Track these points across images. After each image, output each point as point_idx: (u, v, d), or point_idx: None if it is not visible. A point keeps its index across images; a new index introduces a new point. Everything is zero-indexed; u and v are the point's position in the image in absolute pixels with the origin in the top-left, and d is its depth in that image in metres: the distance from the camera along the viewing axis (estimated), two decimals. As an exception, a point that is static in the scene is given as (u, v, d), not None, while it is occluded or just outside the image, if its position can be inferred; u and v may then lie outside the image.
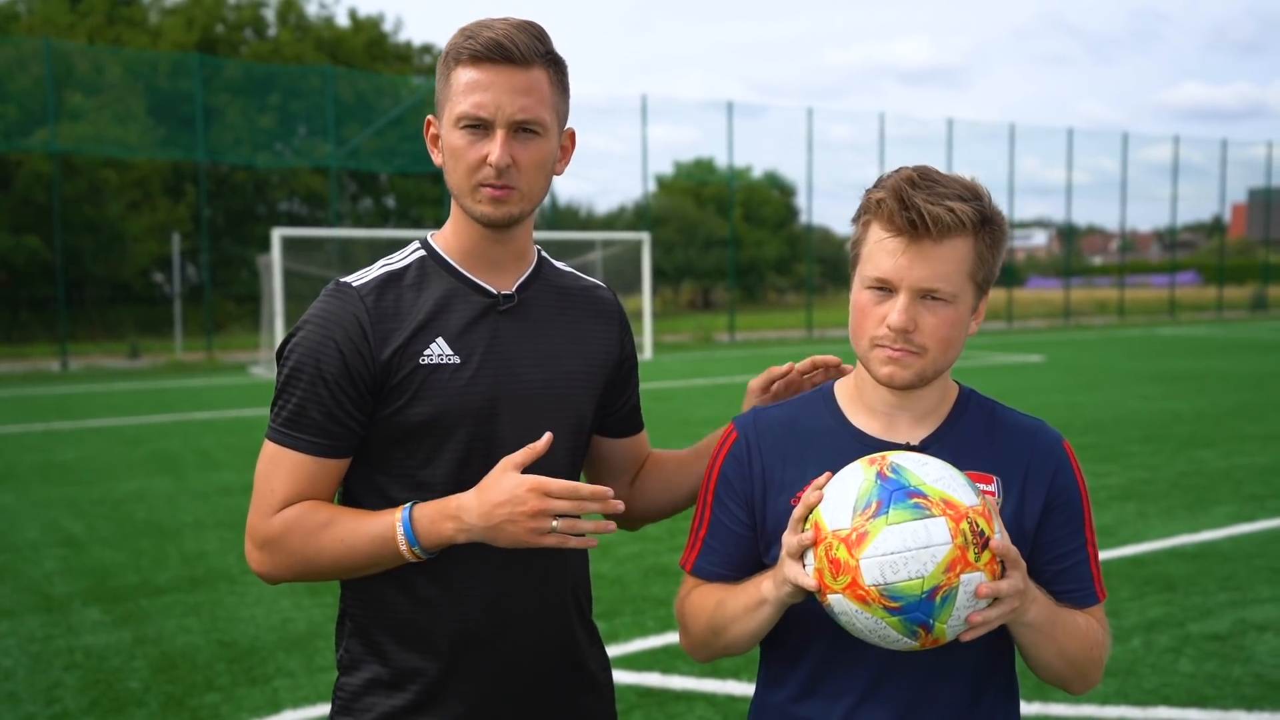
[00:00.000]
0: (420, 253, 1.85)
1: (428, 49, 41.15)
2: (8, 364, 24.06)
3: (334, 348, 1.73)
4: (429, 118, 1.81)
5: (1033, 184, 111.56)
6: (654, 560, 6.63)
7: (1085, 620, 1.67)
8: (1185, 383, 16.66)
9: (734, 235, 36.11)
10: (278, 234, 19.94)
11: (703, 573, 1.76)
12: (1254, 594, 5.82)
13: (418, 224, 35.38)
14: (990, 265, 1.65)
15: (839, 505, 1.48)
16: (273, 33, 38.98)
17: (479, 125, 1.71)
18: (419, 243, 1.88)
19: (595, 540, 1.65)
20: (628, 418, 2.03)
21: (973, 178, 1.66)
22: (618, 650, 5.03)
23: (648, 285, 24.67)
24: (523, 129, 1.72)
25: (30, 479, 9.77)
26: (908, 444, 1.69)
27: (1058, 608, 1.62)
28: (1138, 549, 6.81)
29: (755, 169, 51.56)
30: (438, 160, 1.79)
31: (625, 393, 2.00)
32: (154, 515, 8.18)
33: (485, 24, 1.73)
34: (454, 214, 1.82)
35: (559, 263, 1.99)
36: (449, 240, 1.84)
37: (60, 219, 24.00)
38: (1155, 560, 6.55)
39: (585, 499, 1.62)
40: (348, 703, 1.84)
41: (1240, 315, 42.26)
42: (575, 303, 1.92)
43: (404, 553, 1.69)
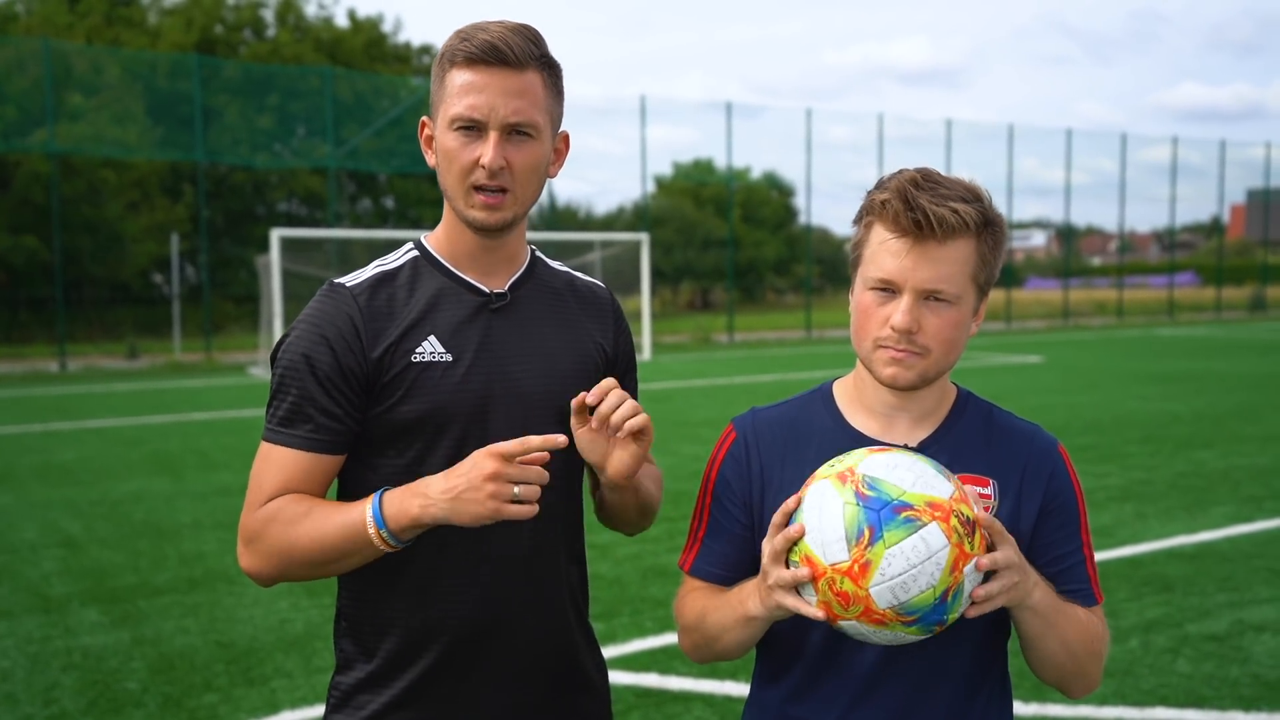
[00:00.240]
0: (413, 253, 1.86)
1: (427, 50, 41.15)
2: (6, 364, 24.05)
3: (326, 345, 1.74)
4: (423, 119, 1.82)
5: (1031, 185, 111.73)
6: (652, 561, 6.63)
7: (1086, 614, 1.67)
8: (1184, 383, 16.67)
9: (733, 236, 36.12)
10: (276, 234, 19.94)
11: (701, 573, 1.77)
12: (1252, 595, 5.82)
13: (416, 224, 35.38)
14: (991, 267, 1.67)
15: (829, 538, 1.46)
16: (271, 33, 38.98)
17: (472, 127, 1.71)
18: (412, 243, 1.89)
19: (535, 508, 1.61)
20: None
21: (972, 180, 1.66)
22: (616, 651, 5.03)
23: (646, 286, 24.67)
24: (516, 131, 1.72)
25: (29, 479, 9.77)
26: (905, 445, 1.69)
27: (1059, 599, 1.63)
28: (1136, 550, 6.82)
29: (754, 170, 51.63)
30: (431, 161, 1.80)
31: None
32: (152, 516, 8.18)
33: (480, 26, 1.73)
34: (447, 215, 1.84)
35: (555, 262, 1.99)
36: (441, 241, 1.85)
37: (59, 219, 23.99)
38: (1153, 561, 6.55)
39: (537, 448, 1.60)
40: (342, 700, 1.84)
41: (1239, 316, 42.28)
42: (569, 301, 1.93)
43: (373, 537, 1.65)
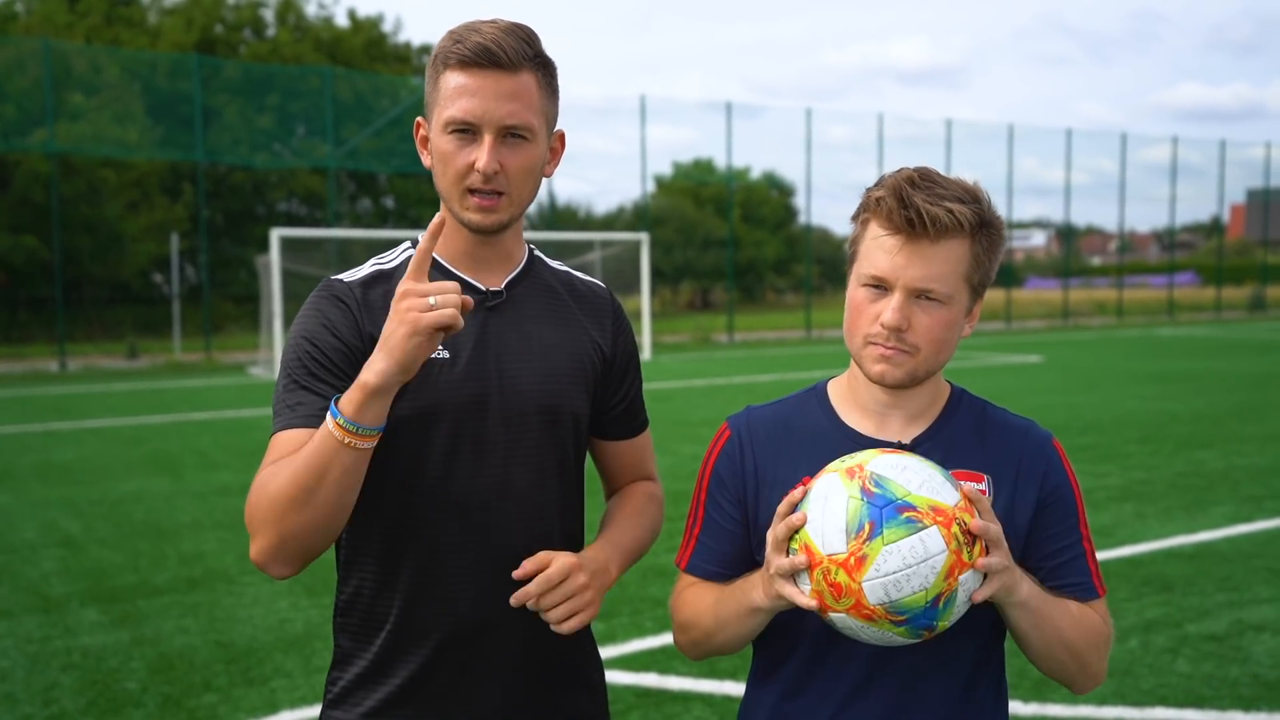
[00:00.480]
0: (410, 251, 1.86)
1: (426, 50, 41.15)
2: (6, 364, 24.05)
3: (320, 325, 1.74)
4: (418, 119, 1.82)
5: (1031, 184, 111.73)
6: (652, 561, 6.63)
7: (1080, 608, 1.67)
8: (1183, 383, 16.67)
9: (733, 236, 36.12)
10: (276, 234, 19.94)
11: (697, 570, 1.78)
12: (1251, 594, 5.82)
13: (416, 224, 35.39)
14: (986, 269, 1.66)
15: (830, 529, 1.47)
16: (271, 33, 38.98)
17: (467, 130, 1.71)
18: (410, 242, 1.89)
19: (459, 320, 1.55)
20: (623, 418, 2.00)
21: (975, 182, 1.66)
22: (615, 650, 5.03)
23: (646, 286, 24.68)
24: (511, 134, 1.72)
25: (28, 479, 9.77)
26: (899, 443, 1.69)
27: (1049, 594, 1.63)
28: (1135, 549, 6.82)
29: (754, 169, 51.65)
30: (427, 162, 1.80)
31: (620, 391, 1.98)
32: (152, 516, 8.18)
33: (473, 27, 1.72)
34: (443, 213, 1.83)
35: (555, 261, 1.99)
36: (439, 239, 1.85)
37: (59, 219, 23.99)
38: (1153, 561, 6.55)
39: (426, 247, 1.58)
40: (338, 697, 1.85)
41: (1239, 316, 42.29)
42: (567, 299, 1.92)
43: (333, 431, 1.55)
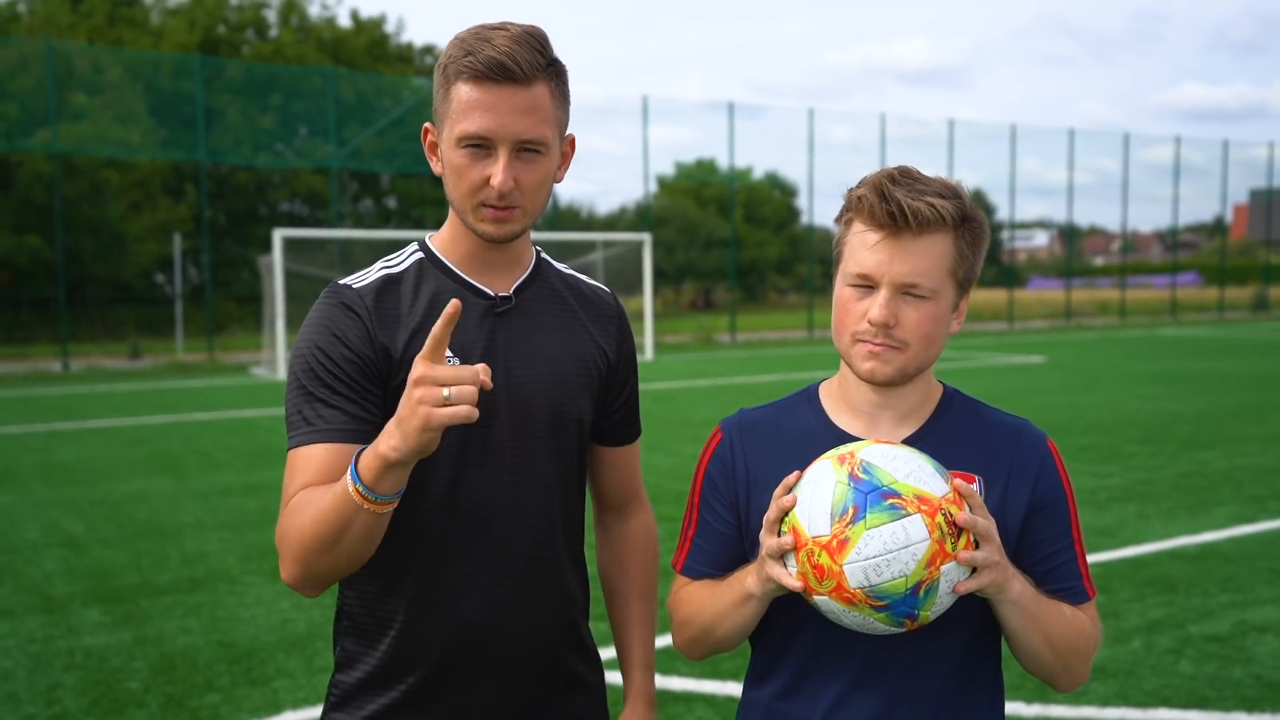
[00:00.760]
0: (419, 255, 1.85)
1: (429, 50, 41.18)
2: (9, 364, 24.07)
3: (331, 335, 1.72)
4: (427, 125, 1.80)
5: (1034, 184, 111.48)
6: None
7: (1072, 611, 1.67)
8: (1186, 383, 16.65)
9: (735, 236, 36.11)
10: (279, 235, 19.95)
11: (692, 572, 1.79)
12: (1255, 595, 5.81)
13: (419, 224, 35.40)
14: (971, 263, 1.67)
15: (816, 511, 1.50)
16: (274, 33, 39.01)
17: (480, 145, 1.69)
18: (417, 244, 1.87)
19: (476, 412, 1.48)
20: (621, 424, 2.01)
21: (957, 182, 1.67)
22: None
23: (649, 286, 24.69)
24: (525, 148, 1.70)
25: (31, 479, 9.77)
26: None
27: (1042, 594, 1.63)
28: (1138, 550, 6.81)
29: (756, 170, 51.66)
30: (437, 169, 1.78)
31: (620, 396, 1.98)
32: (154, 516, 8.18)
33: (484, 37, 1.68)
34: (452, 217, 1.82)
35: (561, 265, 1.98)
36: (447, 243, 1.84)
37: (62, 219, 24.02)
38: (1156, 561, 6.54)
39: (441, 334, 1.48)
40: (341, 700, 1.84)
41: (1242, 316, 42.24)
42: (573, 305, 1.92)
43: (353, 495, 1.54)
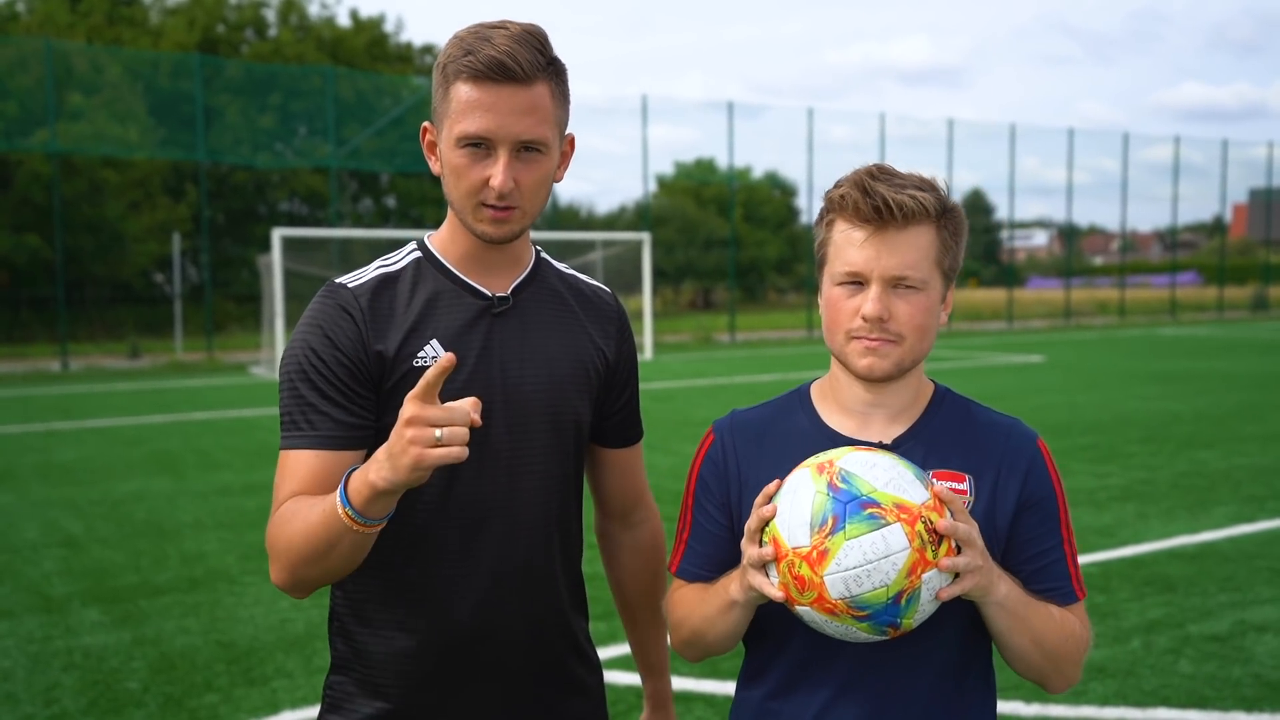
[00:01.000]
0: (416, 254, 1.84)
1: (428, 49, 41.17)
2: (8, 364, 24.06)
3: (326, 341, 1.72)
4: (425, 124, 1.80)
5: (1033, 184, 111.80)
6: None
7: (1060, 612, 1.67)
8: (1185, 383, 16.65)
9: (734, 235, 36.12)
10: (278, 234, 19.93)
11: (687, 574, 1.79)
12: (1254, 595, 5.81)
13: (418, 224, 35.39)
14: (954, 253, 1.69)
15: (795, 522, 1.50)
16: (274, 33, 38.99)
17: (480, 145, 1.68)
18: (415, 244, 1.86)
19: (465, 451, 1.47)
20: (622, 425, 2.00)
21: (932, 176, 1.70)
22: (616, 651, 5.02)
23: (648, 285, 24.68)
24: (525, 149, 1.69)
25: (30, 479, 9.77)
26: (881, 443, 1.69)
27: (1029, 595, 1.63)
28: (1137, 550, 6.81)
29: (756, 169, 51.68)
30: (435, 169, 1.78)
31: (621, 398, 1.98)
32: (153, 515, 8.18)
33: (483, 36, 1.67)
34: (450, 219, 1.82)
35: (561, 264, 1.98)
36: (445, 242, 1.83)
37: (61, 219, 24.00)
38: (1155, 561, 6.54)
39: (434, 379, 1.46)
40: (337, 702, 1.84)
41: (1241, 315, 42.25)
42: (572, 305, 1.91)
43: (341, 516, 1.54)
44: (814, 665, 1.69)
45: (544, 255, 1.94)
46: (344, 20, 41.00)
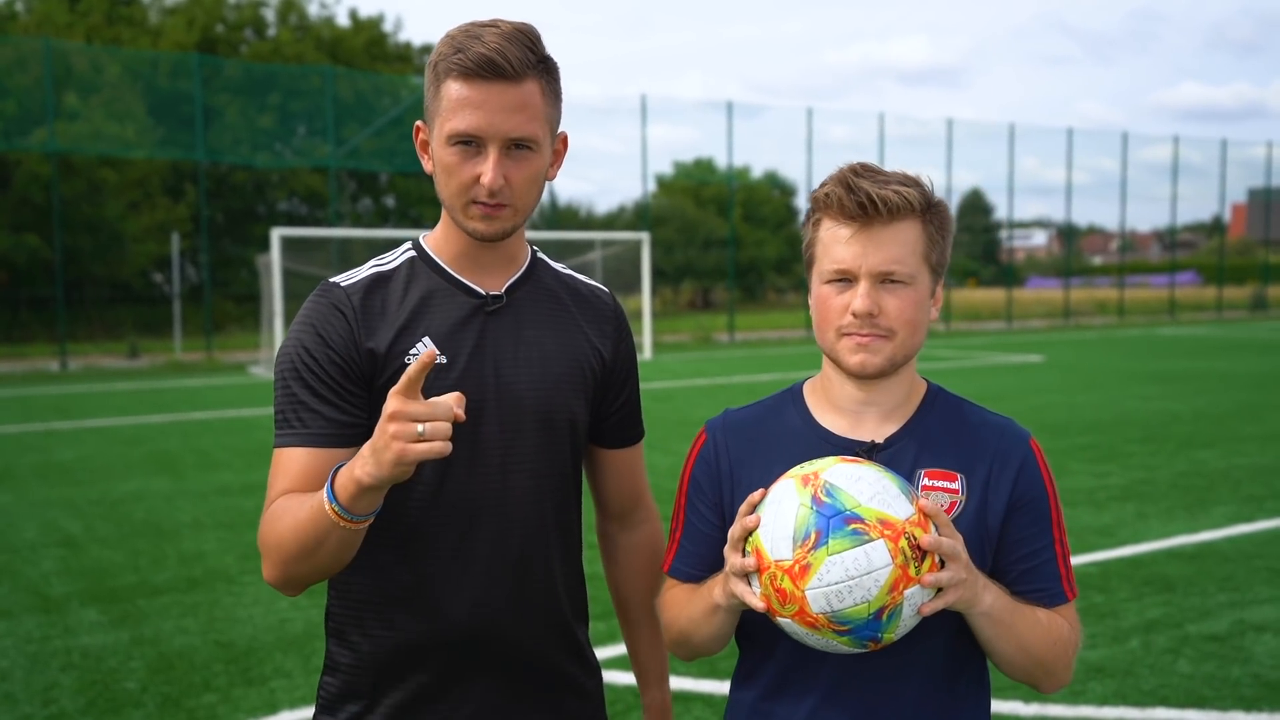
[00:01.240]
0: (411, 253, 1.85)
1: (428, 49, 41.14)
2: (7, 364, 24.05)
3: (318, 339, 1.72)
4: (418, 124, 1.80)
5: (1032, 184, 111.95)
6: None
7: (1048, 616, 1.67)
8: (1185, 383, 16.66)
9: (734, 235, 36.12)
10: (277, 234, 19.93)
11: (679, 574, 1.79)
12: (1253, 595, 5.81)
13: (417, 224, 35.39)
14: (941, 248, 1.69)
15: (778, 535, 1.49)
16: (273, 33, 38.98)
17: (471, 143, 1.68)
18: (410, 244, 1.87)
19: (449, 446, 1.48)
20: (621, 425, 1.99)
21: (916, 173, 1.70)
22: (616, 651, 5.02)
23: (647, 285, 24.68)
24: (516, 146, 1.70)
25: (29, 479, 9.77)
26: (873, 442, 1.69)
27: (1016, 602, 1.63)
28: (1136, 549, 6.81)
29: (755, 169, 51.71)
30: (428, 167, 1.78)
31: (619, 398, 1.97)
32: (152, 515, 8.17)
33: (474, 34, 1.68)
34: (444, 219, 1.82)
35: (558, 264, 1.97)
36: (439, 241, 1.83)
37: (60, 219, 23.98)
38: (1154, 561, 6.55)
39: (415, 374, 1.47)
40: (329, 703, 1.84)
41: (1240, 315, 42.26)
42: (568, 304, 1.90)
43: (328, 512, 1.55)
44: (801, 670, 1.69)
45: (540, 255, 1.94)
46: (343, 20, 41.02)
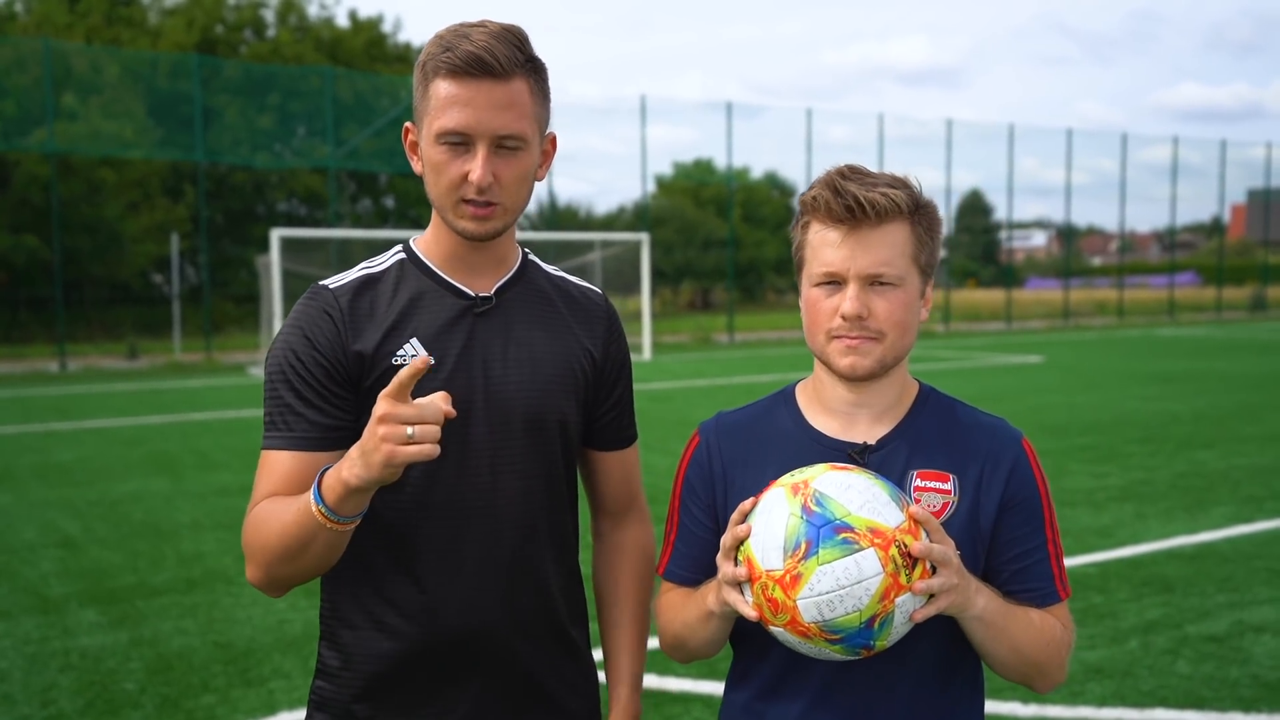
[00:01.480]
0: (400, 255, 1.85)
1: (427, 49, 41.14)
2: (6, 364, 24.05)
3: (305, 342, 1.73)
4: (407, 125, 1.80)
5: (1032, 184, 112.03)
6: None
7: (1041, 617, 1.67)
8: (1184, 384, 16.66)
9: (733, 236, 36.13)
10: (276, 235, 19.94)
11: (674, 577, 1.79)
12: (1252, 595, 5.81)
13: (416, 224, 35.38)
14: (931, 249, 1.69)
15: (769, 545, 1.49)
16: (272, 33, 38.98)
17: (459, 141, 1.69)
18: (401, 246, 1.87)
19: (436, 449, 1.48)
20: (612, 426, 1.97)
21: (905, 174, 1.70)
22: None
23: (647, 286, 24.67)
24: (504, 144, 1.70)
25: (28, 479, 9.76)
26: (865, 443, 1.69)
27: (1008, 604, 1.63)
28: (1136, 550, 6.81)
29: (754, 169, 51.75)
30: (417, 168, 1.78)
31: (610, 399, 1.95)
32: (151, 516, 8.17)
33: (462, 33, 1.69)
34: (435, 220, 1.82)
35: (550, 266, 1.97)
36: (429, 243, 1.83)
37: (59, 219, 23.98)
38: (1153, 561, 6.54)
39: (406, 379, 1.47)
40: (321, 704, 1.84)
41: (1239, 316, 42.27)
42: (558, 305, 1.90)
43: (315, 514, 1.56)
44: (794, 672, 1.69)
45: (532, 257, 1.93)
46: (342, 20, 41.05)
